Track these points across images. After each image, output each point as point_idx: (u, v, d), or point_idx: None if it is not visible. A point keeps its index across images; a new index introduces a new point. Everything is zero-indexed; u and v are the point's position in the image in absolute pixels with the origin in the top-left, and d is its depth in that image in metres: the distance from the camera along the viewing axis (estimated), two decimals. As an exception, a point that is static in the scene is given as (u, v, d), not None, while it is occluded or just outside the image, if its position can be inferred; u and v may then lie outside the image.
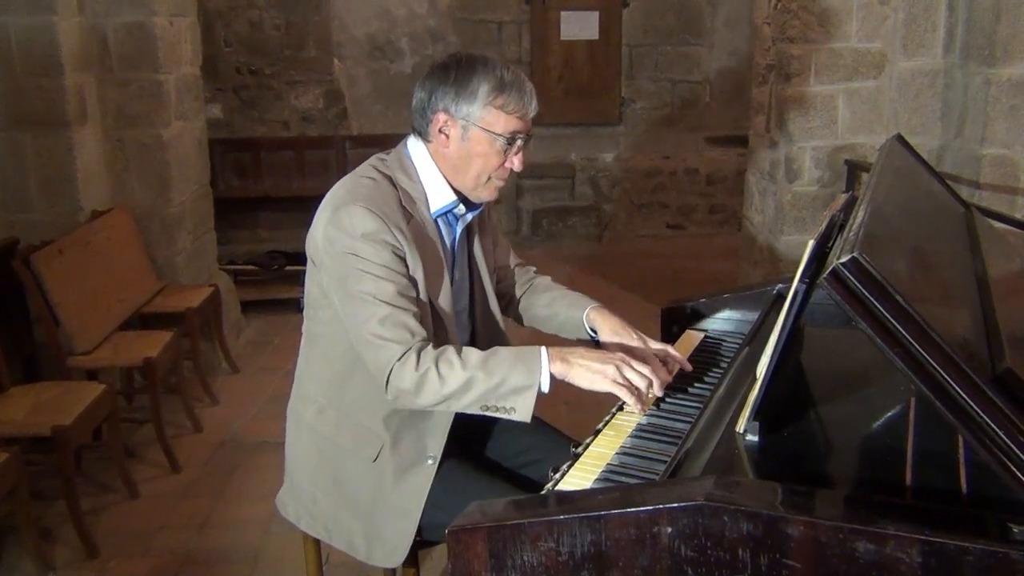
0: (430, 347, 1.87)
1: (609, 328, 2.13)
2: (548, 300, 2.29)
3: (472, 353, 1.87)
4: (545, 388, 1.84)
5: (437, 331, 1.99)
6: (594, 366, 1.84)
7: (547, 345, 1.88)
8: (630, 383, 1.84)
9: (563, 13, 7.50)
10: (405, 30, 7.51)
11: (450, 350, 1.86)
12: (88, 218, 4.23)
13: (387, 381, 1.86)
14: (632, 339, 2.07)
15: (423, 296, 1.95)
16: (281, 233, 6.82)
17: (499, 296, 2.27)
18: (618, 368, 1.84)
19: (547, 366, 1.84)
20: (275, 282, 6.10)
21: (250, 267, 6.26)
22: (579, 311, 2.20)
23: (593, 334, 2.18)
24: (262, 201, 6.88)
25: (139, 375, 4.20)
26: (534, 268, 2.43)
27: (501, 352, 1.88)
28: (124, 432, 3.89)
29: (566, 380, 1.85)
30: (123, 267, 4.29)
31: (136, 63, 4.41)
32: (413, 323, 1.88)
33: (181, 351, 4.19)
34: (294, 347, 2.17)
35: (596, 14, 7.53)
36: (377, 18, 7.45)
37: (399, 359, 1.84)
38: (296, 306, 2.05)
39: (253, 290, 5.93)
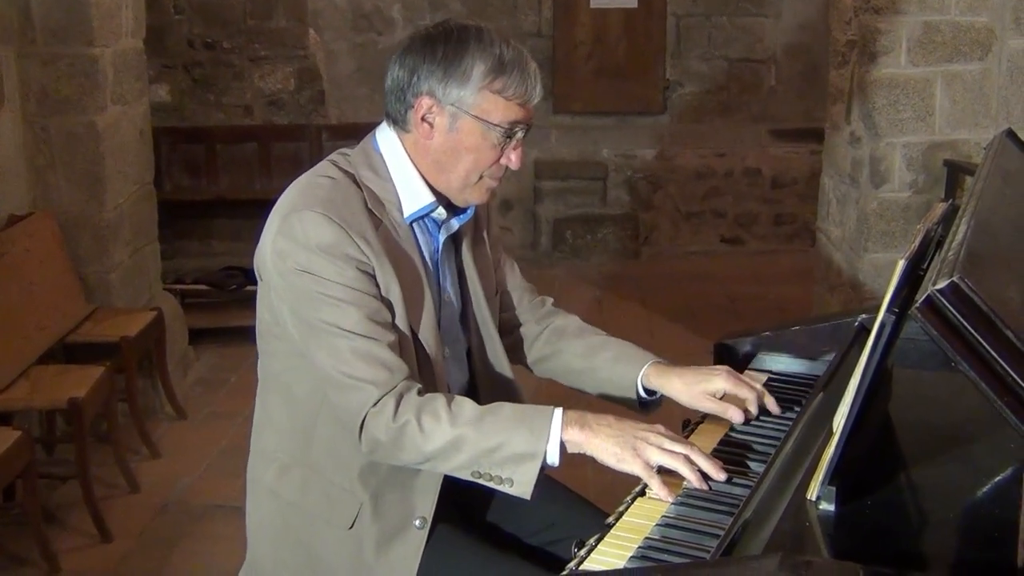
0: (414, 391, 1.89)
1: (684, 389, 2.10)
2: (585, 349, 2.25)
3: (465, 406, 1.88)
4: (553, 460, 1.85)
5: (422, 371, 1.99)
6: (622, 439, 1.83)
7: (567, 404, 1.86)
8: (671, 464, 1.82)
9: (594, -26, 7.54)
10: (397, -5, 7.58)
11: (439, 400, 1.88)
12: (3, 224, 4.27)
13: (360, 429, 1.88)
14: (715, 390, 2.07)
15: (401, 322, 1.96)
16: (240, 245, 6.84)
17: (501, 332, 2.24)
18: (655, 444, 1.83)
19: (558, 432, 1.84)
20: (232, 306, 6.11)
21: (201, 287, 6.28)
22: (634, 368, 2.16)
23: (647, 397, 2.17)
24: (217, 205, 6.92)
25: (62, 420, 4.22)
26: (551, 300, 2.39)
27: (504, 409, 1.90)
28: (43, 491, 3.91)
29: (584, 453, 1.85)
30: (45, 286, 4.32)
31: (65, 35, 4.45)
32: (389, 356, 1.89)
33: (115, 391, 4.21)
34: (254, 387, 2.18)
35: (635, -24, 7.57)
36: (363, -20, 7.52)
37: (374, 404, 1.86)
38: (254, 337, 2.06)
39: (205, 316, 5.96)
